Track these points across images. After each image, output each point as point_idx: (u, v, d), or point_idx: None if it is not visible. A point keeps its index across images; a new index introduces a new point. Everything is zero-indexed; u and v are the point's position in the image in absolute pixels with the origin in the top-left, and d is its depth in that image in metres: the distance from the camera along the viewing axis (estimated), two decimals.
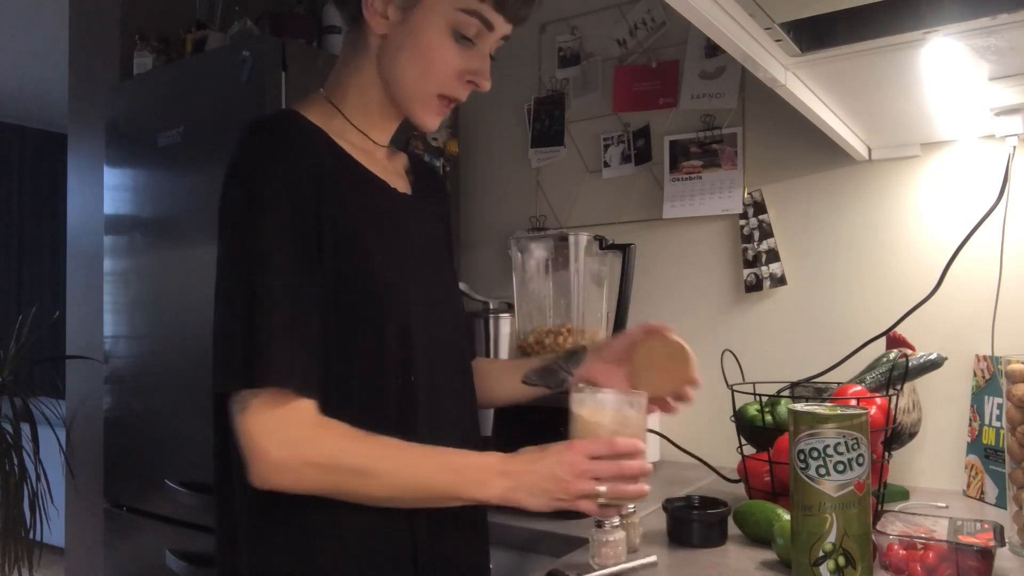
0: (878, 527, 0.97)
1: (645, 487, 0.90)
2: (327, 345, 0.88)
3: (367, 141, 1.00)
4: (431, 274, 1.02)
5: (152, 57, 2.20)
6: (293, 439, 0.82)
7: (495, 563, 1.33)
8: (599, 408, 0.93)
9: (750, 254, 1.81)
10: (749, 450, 1.39)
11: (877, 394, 1.31)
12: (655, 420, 1.86)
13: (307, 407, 0.83)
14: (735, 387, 1.41)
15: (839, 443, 0.88)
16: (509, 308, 1.69)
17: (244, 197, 0.86)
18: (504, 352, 1.67)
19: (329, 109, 0.98)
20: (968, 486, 1.48)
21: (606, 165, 2.05)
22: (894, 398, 1.29)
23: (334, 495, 0.85)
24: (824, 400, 1.34)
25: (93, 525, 2.37)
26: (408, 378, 0.93)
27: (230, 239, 0.86)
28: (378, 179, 0.98)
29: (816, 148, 1.72)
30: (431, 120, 0.97)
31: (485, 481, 0.87)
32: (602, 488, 0.87)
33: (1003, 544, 0.96)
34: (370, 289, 0.91)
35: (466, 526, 1.02)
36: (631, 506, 1.16)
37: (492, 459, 0.89)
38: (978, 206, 1.53)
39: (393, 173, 1.04)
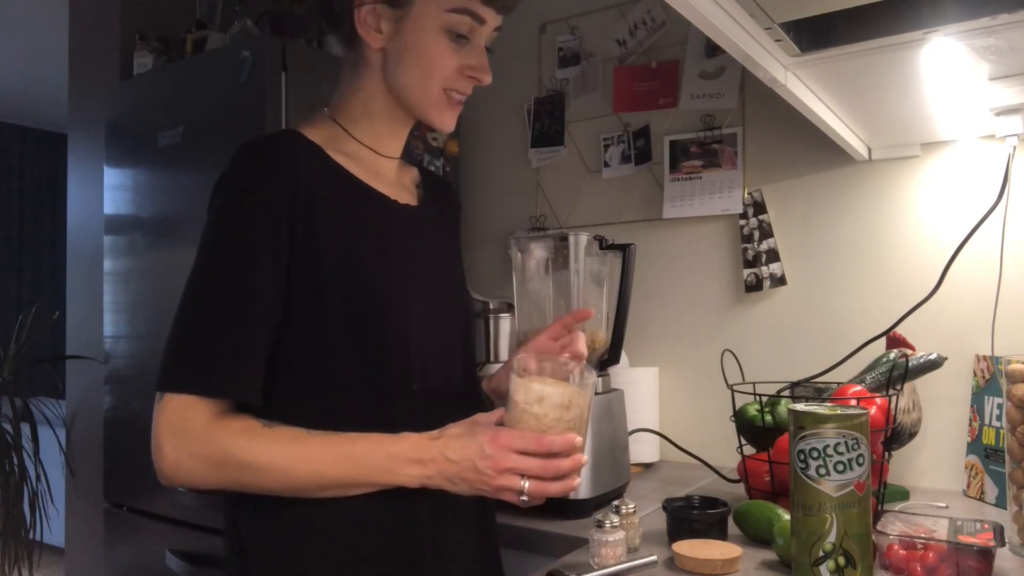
0: (878, 527, 0.97)
1: (574, 482, 0.87)
2: (329, 354, 0.90)
3: (373, 155, 1.02)
4: (433, 283, 1.02)
5: (152, 57, 2.20)
6: (185, 434, 0.84)
7: None
8: (536, 397, 0.86)
9: (750, 254, 1.81)
10: (749, 450, 1.39)
11: (877, 394, 1.31)
12: (655, 421, 1.86)
13: (208, 405, 0.85)
14: (735, 387, 1.41)
15: (839, 443, 0.88)
16: (509, 308, 1.69)
17: (211, 214, 0.91)
18: (504, 352, 1.67)
19: (332, 128, 1.00)
20: (968, 486, 1.48)
21: (606, 165, 2.05)
22: (894, 398, 1.29)
23: (236, 490, 0.87)
24: (824, 400, 1.34)
25: (93, 525, 2.37)
26: (409, 386, 0.94)
27: (197, 251, 0.91)
28: (375, 191, 0.99)
29: (816, 148, 1.72)
30: (446, 118, 0.99)
31: (393, 469, 0.86)
32: (526, 484, 0.85)
33: (1003, 544, 0.96)
34: (367, 297, 0.92)
35: (471, 521, 1.02)
36: (631, 505, 1.16)
37: (404, 445, 0.87)
38: (978, 206, 1.53)
39: (399, 186, 1.06)
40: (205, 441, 0.84)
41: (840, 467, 0.88)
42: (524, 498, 0.85)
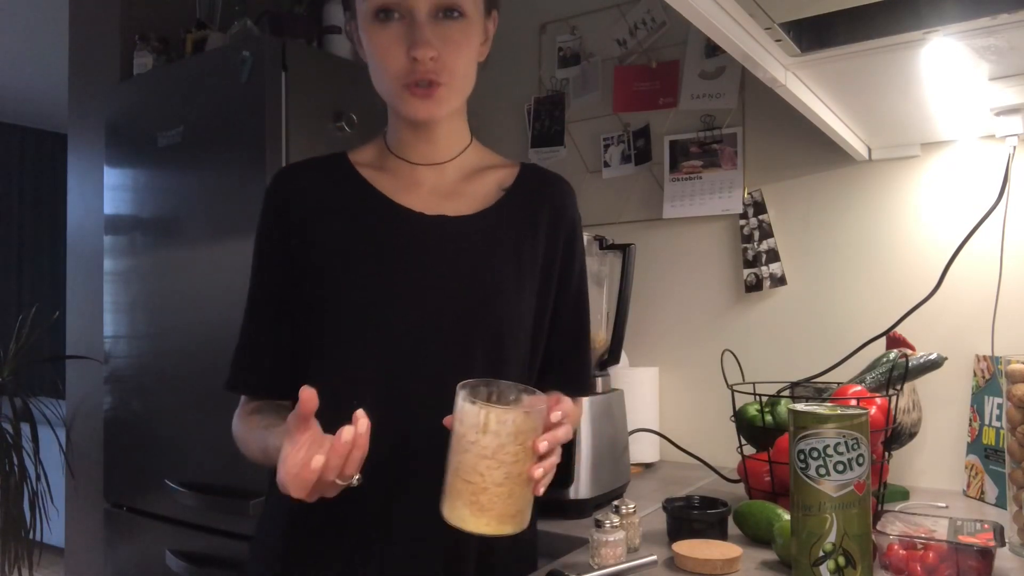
0: (878, 527, 0.97)
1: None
2: (321, 361, 0.97)
3: (410, 166, 1.01)
4: (449, 302, 0.95)
5: (152, 57, 2.20)
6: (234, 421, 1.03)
7: None
8: (461, 415, 0.76)
9: (750, 254, 1.81)
10: (749, 450, 1.39)
11: (877, 394, 1.31)
12: (655, 421, 1.86)
13: (243, 400, 1.03)
14: (735, 387, 1.41)
15: (839, 443, 0.88)
16: None
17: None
18: None
19: (381, 145, 1.04)
20: (968, 486, 1.48)
21: (606, 165, 2.05)
22: (894, 398, 1.29)
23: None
24: (824, 400, 1.34)
25: (93, 525, 2.37)
26: (388, 396, 0.91)
27: None
28: (394, 204, 0.98)
29: (816, 148, 1.72)
30: (413, 110, 0.94)
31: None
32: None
33: (1003, 544, 0.96)
34: (342, 312, 0.95)
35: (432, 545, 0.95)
36: (631, 505, 1.16)
37: (275, 442, 0.84)
38: (978, 206, 1.53)
39: (452, 194, 1.01)
40: (235, 426, 1.01)
41: (840, 467, 0.88)
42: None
